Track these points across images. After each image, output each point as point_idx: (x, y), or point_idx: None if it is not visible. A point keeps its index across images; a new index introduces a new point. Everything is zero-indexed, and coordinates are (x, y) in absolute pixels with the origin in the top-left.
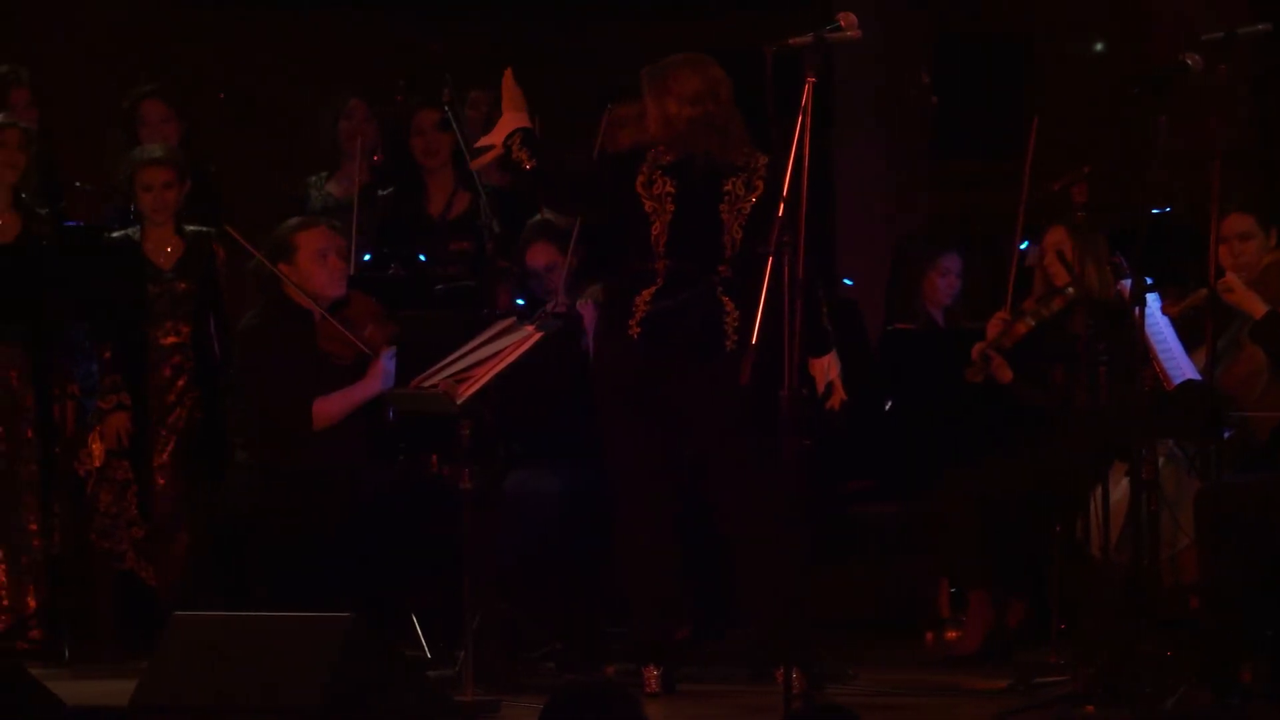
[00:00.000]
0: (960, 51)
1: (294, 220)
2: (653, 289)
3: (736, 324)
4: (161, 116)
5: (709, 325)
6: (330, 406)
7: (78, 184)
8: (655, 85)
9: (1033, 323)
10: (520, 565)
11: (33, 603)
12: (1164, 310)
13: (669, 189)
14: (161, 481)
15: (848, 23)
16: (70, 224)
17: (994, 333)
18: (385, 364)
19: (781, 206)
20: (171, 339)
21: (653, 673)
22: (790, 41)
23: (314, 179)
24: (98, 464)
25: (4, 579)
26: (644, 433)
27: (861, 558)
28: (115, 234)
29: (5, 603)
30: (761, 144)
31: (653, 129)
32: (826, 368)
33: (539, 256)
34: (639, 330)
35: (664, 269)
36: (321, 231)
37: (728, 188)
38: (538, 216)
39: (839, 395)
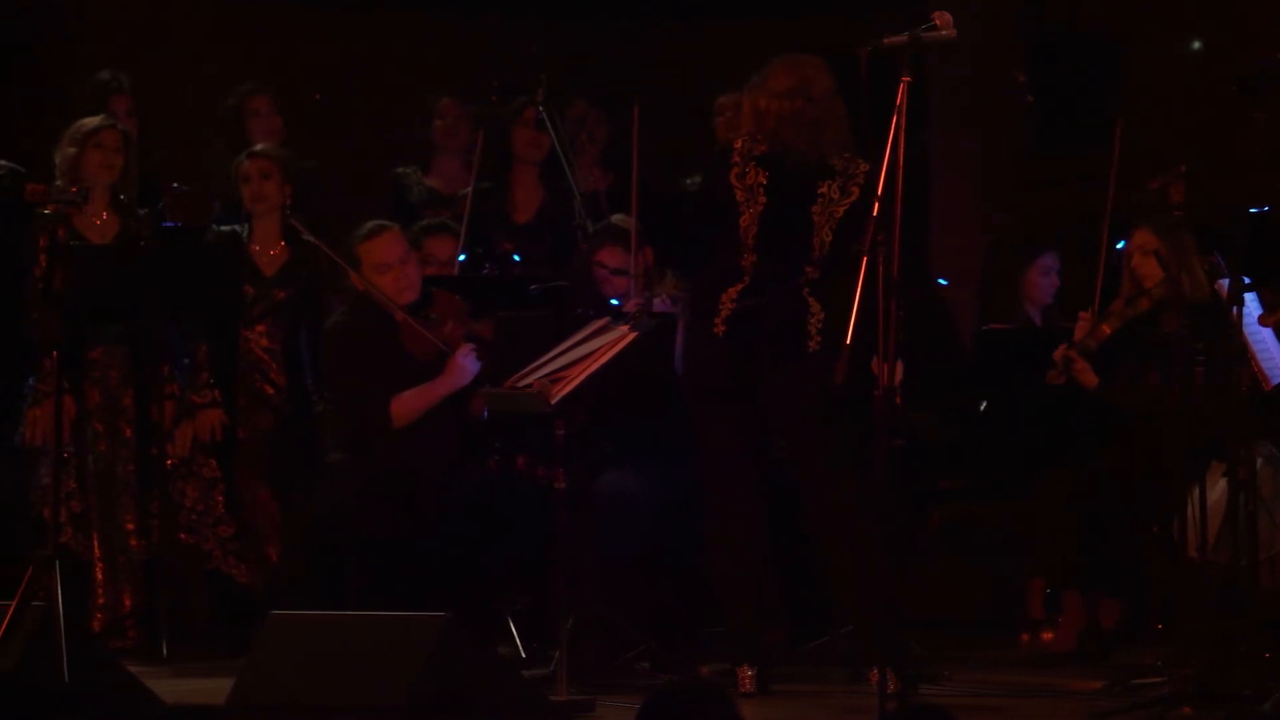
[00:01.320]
0: (1055, 50)
1: (365, 228)
2: (739, 286)
3: (820, 325)
4: (270, 109)
5: (793, 325)
6: (408, 404)
7: (175, 185)
8: (751, 83)
9: (1118, 324)
10: (614, 565)
11: (129, 602)
12: (1260, 322)
13: (761, 180)
14: (251, 482)
15: (943, 22)
16: (168, 224)
17: (1080, 335)
18: (462, 360)
19: (876, 206)
20: (264, 342)
21: (747, 673)
22: (885, 41)
23: (405, 170)
24: (184, 454)
25: (101, 577)
26: (730, 430)
27: (956, 558)
28: (223, 228)
29: (101, 600)
30: (863, 149)
31: (745, 124)
32: (893, 373)
33: (609, 258)
34: (724, 328)
35: (751, 266)
36: (380, 243)
37: (822, 190)
38: (608, 219)
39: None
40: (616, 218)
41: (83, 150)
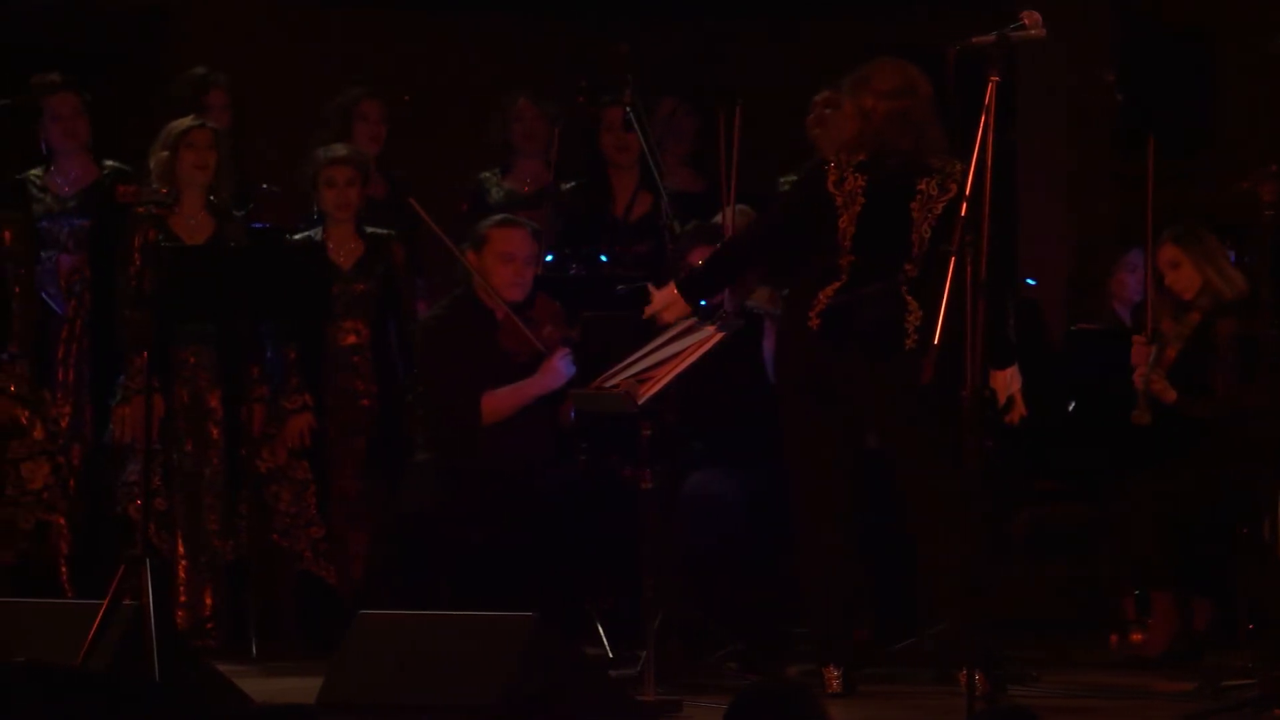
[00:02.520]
0: (1145, 49)
1: (499, 216)
2: (837, 284)
3: (918, 323)
4: (379, 116)
5: (889, 322)
6: (499, 401)
7: (264, 186)
8: (855, 80)
9: (1179, 344)
10: (701, 565)
11: (210, 602)
12: None
13: (860, 184)
14: (340, 482)
15: (1032, 21)
16: (257, 225)
17: (1140, 360)
18: (559, 362)
19: (964, 206)
20: (351, 339)
21: (834, 673)
22: (974, 40)
23: (487, 175)
24: (280, 462)
25: (183, 577)
26: (823, 426)
27: (1045, 559)
28: (298, 235)
29: (183, 599)
30: (952, 149)
31: (849, 126)
32: (1009, 381)
33: (699, 259)
34: (818, 322)
35: (849, 265)
36: (515, 234)
37: (921, 186)
38: (698, 220)
39: (1019, 410)
40: (736, 211)
41: (175, 151)
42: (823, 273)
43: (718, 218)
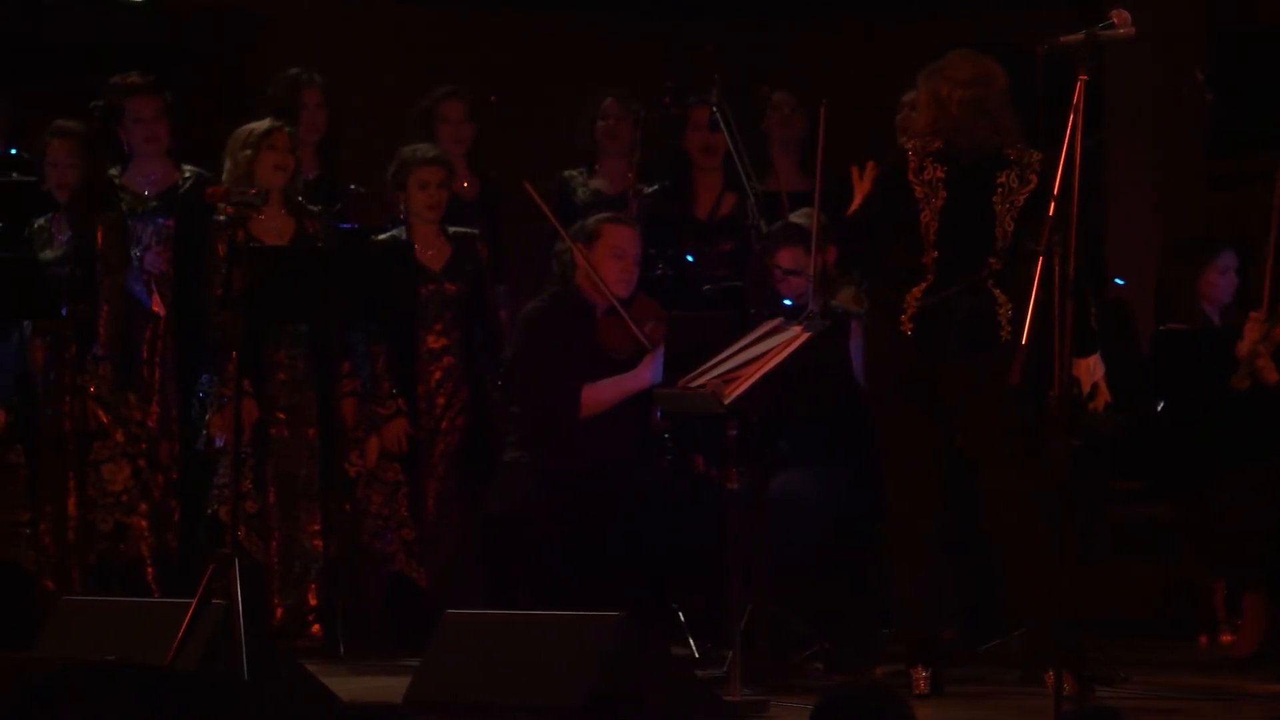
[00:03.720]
0: (1235, 47)
1: (610, 213)
2: (923, 285)
3: (1010, 316)
4: (462, 116)
5: (981, 318)
6: (599, 393)
7: (352, 186)
8: (930, 72)
9: None
10: (787, 565)
11: (312, 600)
12: None
13: (939, 174)
14: (432, 483)
15: (1121, 20)
16: (345, 226)
17: (1252, 336)
18: (659, 359)
19: (1052, 205)
20: (442, 341)
21: (921, 674)
22: (1062, 40)
23: (572, 174)
24: (370, 466)
25: (279, 577)
26: (915, 429)
27: (1132, 559)
28: (382, 235)
29: (278, 599)
30: (1038, 146)
31: (923, 116)
32: (1091, 369)
33: (786, 258)
34: (911, 326)
35: (934, 262)
36: (627, 232)
37: (1001, 179)
38: (785, 220)
39: (1103, 397)
40: (798, 215)
41: (256, 153)
42: (908, 272)
43: (794, 216)
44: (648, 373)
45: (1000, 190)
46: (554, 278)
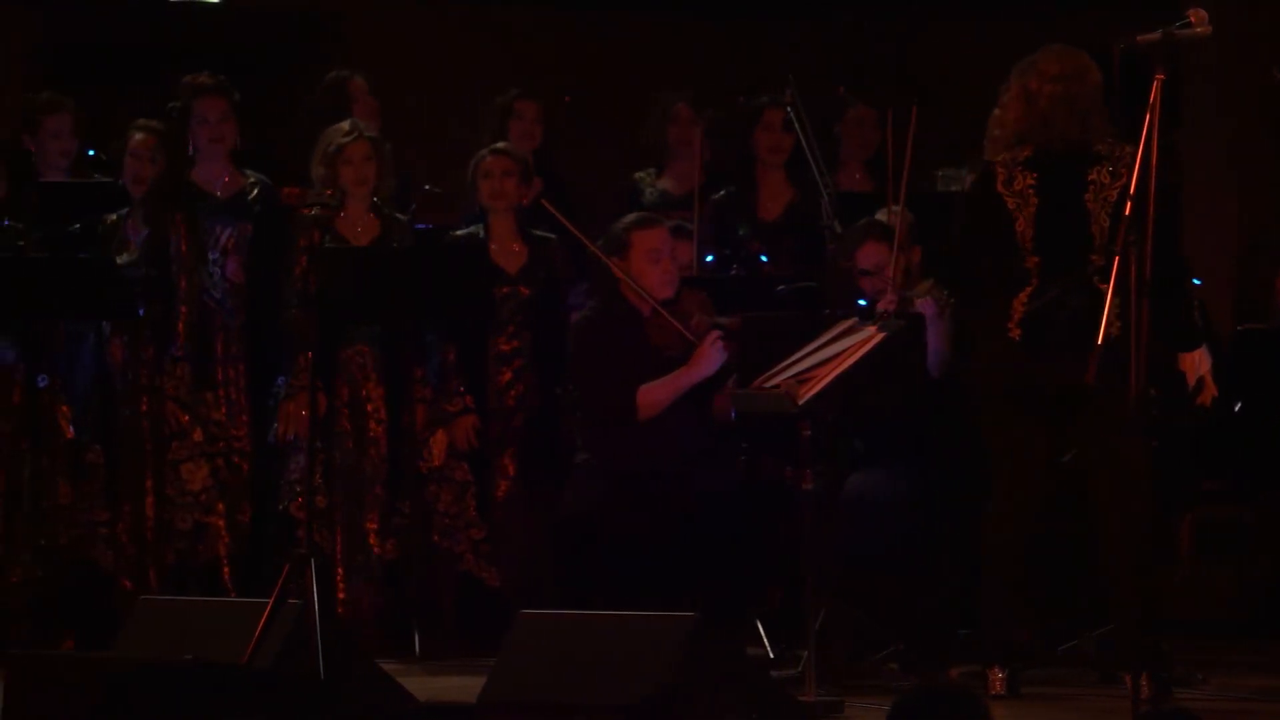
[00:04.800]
0: None
1: (632, 216)
2: (1028, 290)
3: (1118, 311)
4: (535, 116)
5: (1090, 316)
6: (654, 394)
7: (426, 187)
8: (1021, 67)
9: None
10: (862, 565)
11: (367, 600)
12: None
13: (1029, 182)
14: (502, 484)
15: (1198, 19)
16: (420, 226)
17: None
18: (710, 349)
19: (1129, 205)
20: (513, 343)
21: (998, 674)
22: (1139, 39)
23: (642, 175)
24: (437, 464)
25: (341, 574)
26: (1026, 434)
27: (1211, 560)
28: (459, 231)
29: (342, 597)
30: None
31: (1012, 110)
32: (1197, 363)
33: (869, 256)
34: (1019, 332)
35: (1035, 267)
36: (658, 232)
37: (1092, 176)
38: (868, 218)
39: (1209, 391)
40: (886, 212)
41: (334, 168)
42: (1011, 278)
43: (877, 216)
44: (700, 366)
45: (1092, 187)
46: (598, 285)
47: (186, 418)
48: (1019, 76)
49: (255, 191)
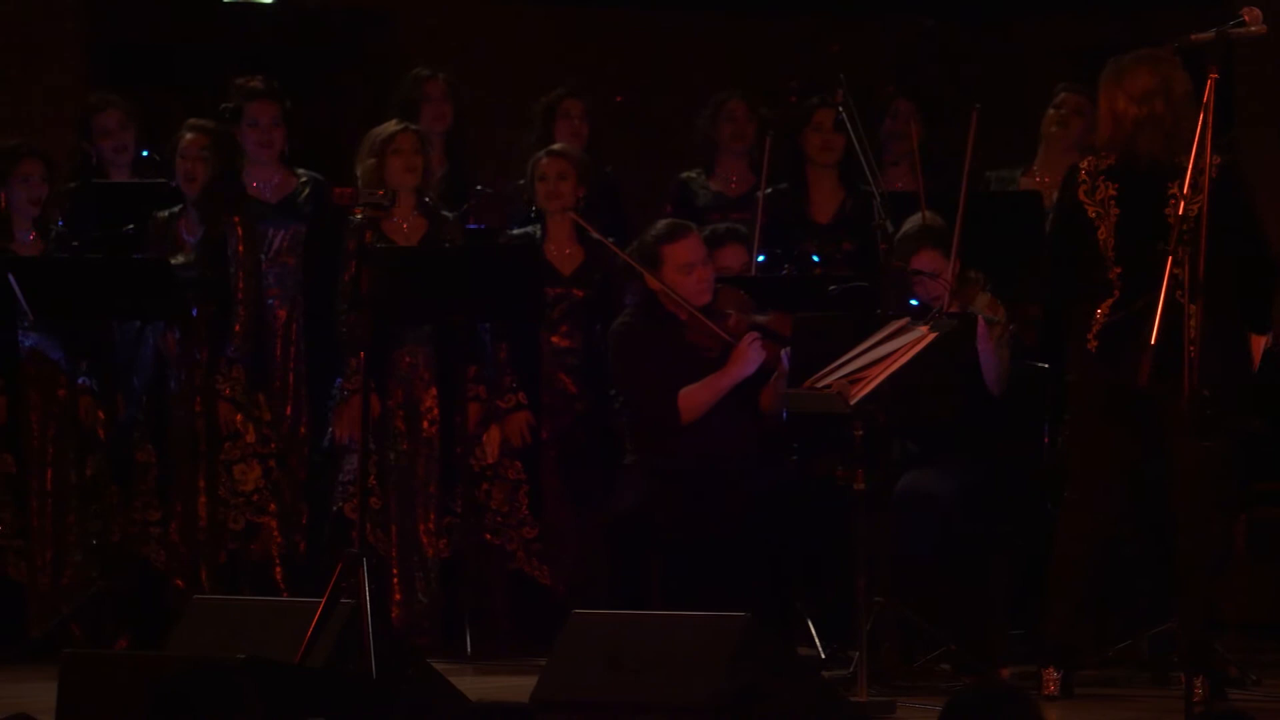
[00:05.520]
0: None
1: (661, 227)
2: (1110, 301)
3: (1198, 325)
4: (581, 114)
5: (1168, 329)
6: (694, 396)
7: (479, 187)
8: (1108, 79)
9: None
10: (914, 565)
11: (424, 600)
12: None
13: (1111, 192)
14: (553, 483)
15: (1252, 18)
16: (473, 226)
17: None
18: (748, 349)
19: (1182, 205)
20: (565, 343)
21: (1052, 675)
22: (1192, 38)
23: (690, 175)
24: (490, 460)
25: (396, 574)
26: (1109, 445)
27: (1267, 561)
28: (515, 231)
29: (397, 597)
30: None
31: (1100, 126)
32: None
33: (924, 260)
34: (1096, 343)
35: (1118, 278)
36: (687, 243)
37: (1172, 190)
38: (920, 219)
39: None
40: (927, 218)
41: (382, 158)
42: (1094, 289)
43: (915, 217)
44: (738, 366)
45: (1172, 201)
46: (635, 290)
47: (240, 417)
48: (1106, 92)
49: (306, 192)
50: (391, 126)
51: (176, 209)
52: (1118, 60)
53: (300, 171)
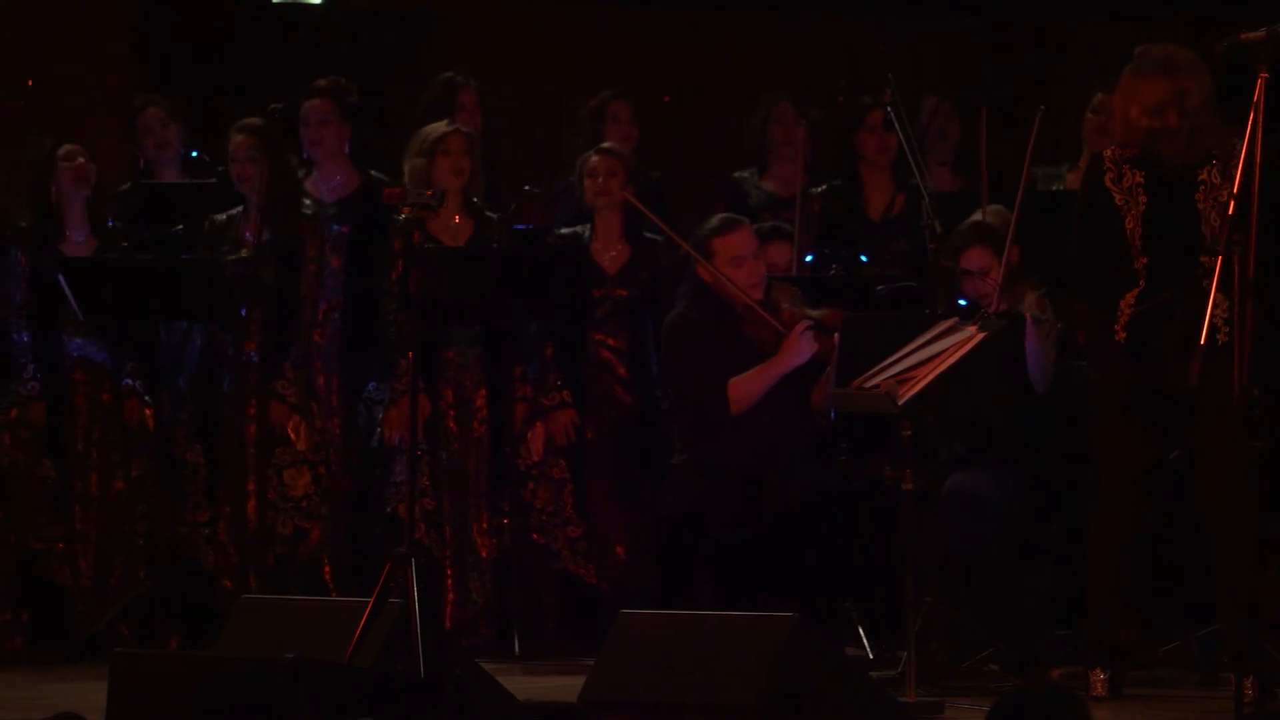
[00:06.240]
0: None
1: (715, 221)
2: (1135, 291)
3: (1226, 315)
4: (629, 116)
5: (1198, 319)
6: (745, 385)
7: (526, 187)
8: (1124, 86)
9: None
10: (963, 566)
11: (478, 600)
12: None
13: (1138, 180)
14: (599, 482)
15: None
16: (520, 227)
17: None
18: (799, 338)
19: (1232, 205)
20: (611, 342)
21: (1100, 676)
22: (1242, 37)
23: (743, 174)
24: (536, 459)
25: (451, 574)
26: (1135, 438)
27: None
28: (564, 230)
29: (452, 597)
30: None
31: (1117, 126)
32: None
33: (974, 259)
34: (1124, 334)
35: (1144, 268)
36: (739, 236)
37: (1202, 177)
38: (973, 218)
39: None
40: (990, 214)
41: (431, 158)
42: (1119, 279)
43: (975, 216)
44: (789, 355)
45: (1203, 188)
46: (689, 281)
47: (295, 420)
48: (1122, 98)
49: (362, 193)
50: (442, 127)
51: (236, 210)
52: (1135, 63)
53: (372, 173)
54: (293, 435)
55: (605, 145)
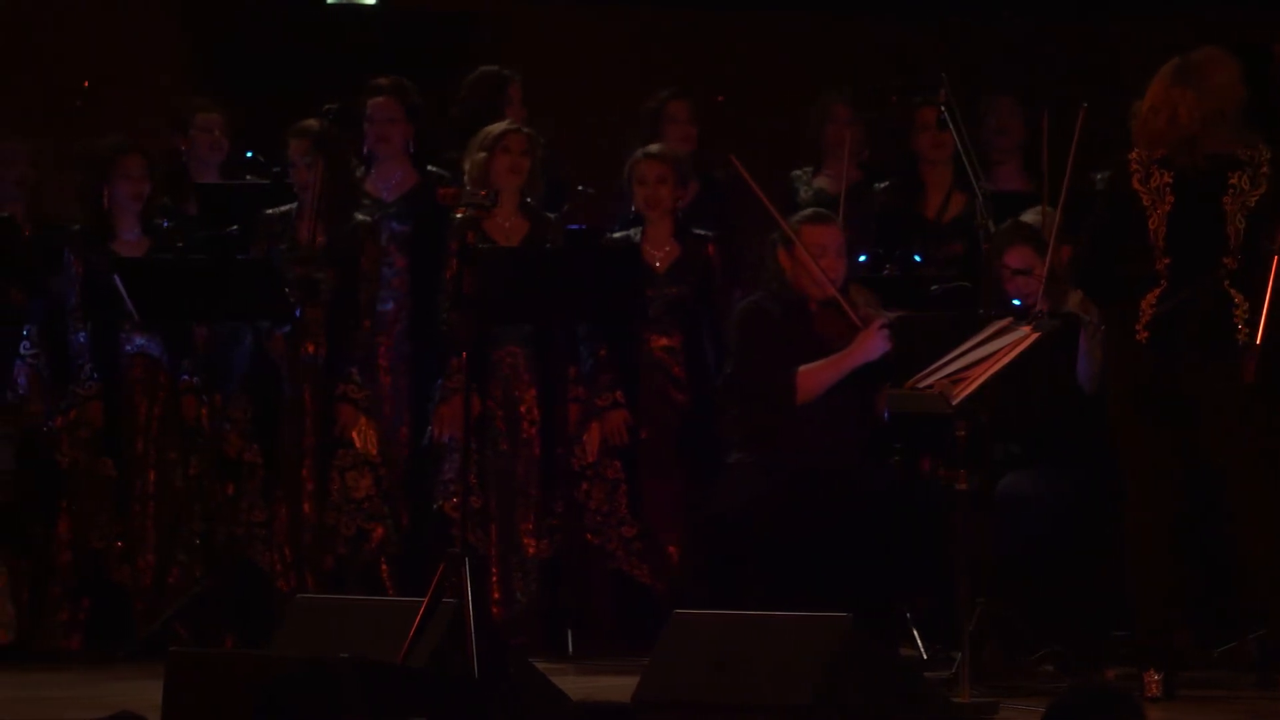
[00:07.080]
0: None
1: (807, 211)
2: (1157, 290)
3: (1246, 316)
4: (687, 116)
5: (1217, 320)
6: (814, 375)
7: (580, 187)
8: (1171, 79)
9: None
10: (1017, 566)
11: (522, 600)
12: None
13: (1166, 180)
14: (652, 482)
15: None
16: (573, 227)
17: None
18: (874, 334)
19: None
20: (664, 341)
21: (1154, 677)
22: None
23: (798, 173)
24: (591, 459)
25: (496, 574)
26: (1156, 435)
27: None
28: (616, 234)
29: (497, 596)
30: (1275, 144)
31: (1160, 116)
32: None
33: (1016, 258)
34: (1146, 334)
35: (1166, 269)
36: (825, 229)
37: (1233, 180)
38: (1015, 219)
39: None
40: (1029, 214)
41: (491, 155)
42: (1140, 279)
43: (1025, 216)
44: (862, 349)
45: (1231, 191)
46: (768, 272)
47: (364, 421)
48: (1167, 92)
49: (421, 190)
50: (503, 125)
51: (290, 206)
52: (1185, 59)
53: (433, 169)
54: (356, 439)
55: (653, 149)
